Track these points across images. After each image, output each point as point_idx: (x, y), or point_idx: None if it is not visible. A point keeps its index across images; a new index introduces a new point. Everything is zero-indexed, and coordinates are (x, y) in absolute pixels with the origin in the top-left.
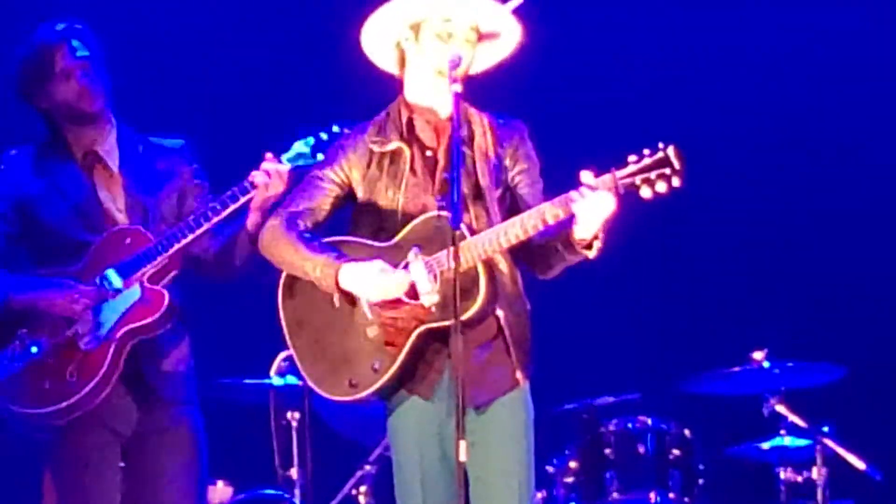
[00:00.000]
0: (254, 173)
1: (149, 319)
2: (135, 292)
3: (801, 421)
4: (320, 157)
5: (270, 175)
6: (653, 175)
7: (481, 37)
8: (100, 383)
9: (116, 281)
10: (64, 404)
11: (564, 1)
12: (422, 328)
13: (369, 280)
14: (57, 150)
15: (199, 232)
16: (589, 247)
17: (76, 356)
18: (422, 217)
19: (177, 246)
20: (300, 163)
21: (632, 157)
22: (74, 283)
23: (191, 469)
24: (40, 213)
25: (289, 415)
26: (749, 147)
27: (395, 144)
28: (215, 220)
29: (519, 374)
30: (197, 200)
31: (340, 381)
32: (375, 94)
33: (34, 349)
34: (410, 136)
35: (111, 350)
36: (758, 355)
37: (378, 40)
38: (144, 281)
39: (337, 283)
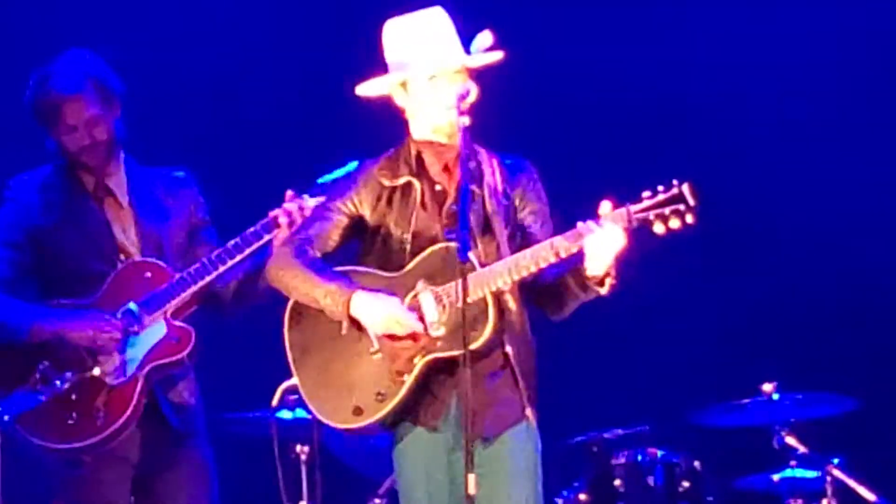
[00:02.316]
0: (276, 212)
1: (177, 356)
2: (160, 328)
3: (810, 452)
4: None
5: (292, 214)
6: (667, 211)
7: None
8: (128, 419)
9: (140, 316)
10: (93, 440)
11: (577, 37)
12: (428, 357)
13: (380, 313)
14: (68, 179)
15: (223, 269)
16: (601, 283)
17: (102, 391)
18: (431, 248)
19: (202, 282)
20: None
21: (646, 193)
22: (101, 314)
23: (202, 501)
24: (53, 242)
25: (298, 448)
26: (758, 179)
27: (405, 178)
28: (239, 257)
29: (528, 409)
30: (204, 235)
31: (345, 408)
32: (396, 131)
33: (58, 382)
34: (420, 171)
35: (138, 387)
36: (767, 387)
37: (372, 90)
38: (167, 317)
39: (347, 311)
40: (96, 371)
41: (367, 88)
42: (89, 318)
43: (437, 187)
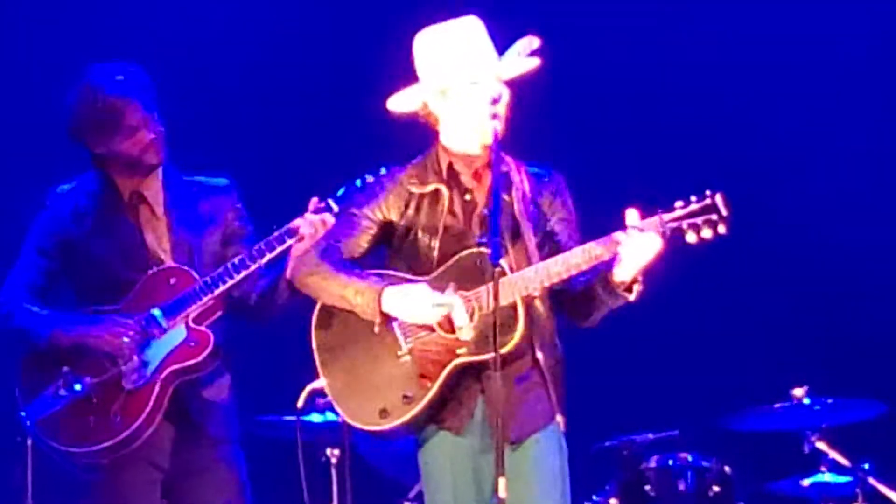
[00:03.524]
0: (299, 221)
1: (194, 360)
2: (180, 332)
3: (841, 458)
4: None
5: (316, 224)
6: (699, 221)
7: None
8: (144, 423)
9: (162, 321)
10: (108, 443)
11: (606, 45)
12: (457, 361)
13: (412, 299)
14: (103, 188)
15: (244, 274)
16: (629, 290)
17: (120, 395)
18: (462, 254)
19: (222, 287)
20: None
21: (678, 203)
22: (121, 319)
23: None
24: (85, 251)
25: (328, 451)
26: (790, 184)
27: (433, 186)
28: (261, 262)
29: (556, 413)
30: (241, 242)
31: (371, 410)
32: (422, 136)
33: (77, 387)
34: (450, 179)
35: (156, 390)
36: (798, 392)
37: (405, 103)
38: (189, 321)
39: (379, 306)
40: (115, 375)
41: (402, 99)
42: (107, 324)
43: (467, 195)
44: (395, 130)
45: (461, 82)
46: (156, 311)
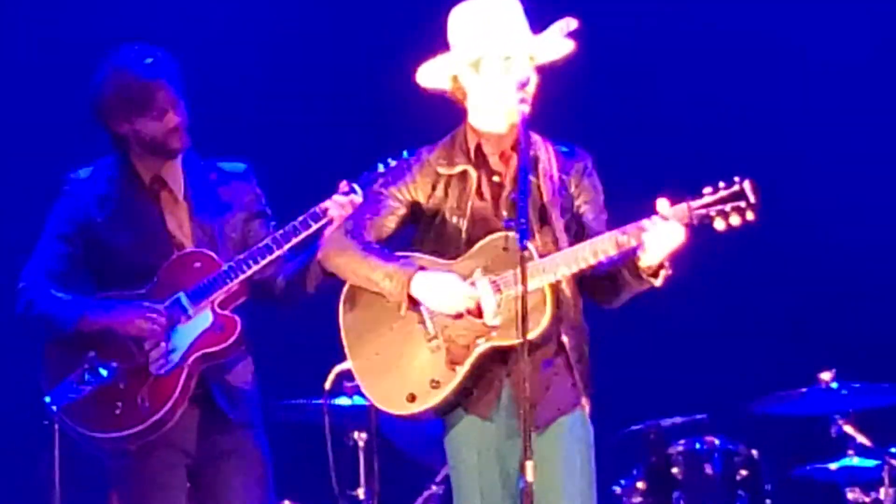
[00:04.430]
0: (326, 203)
1: (222, 345)
2: (206, 318)
3: (868, 441)
4: None
5: (344, 206)
6: (727, 208)
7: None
8: (171, 409)
9: (188, 306)
10: (136, 429)
11: (635, 29)
12: (485, 346)
13: (441, 288)
14: (124, 173)
15: (270, 258)
16: (655, 275)
17: (147, 381)
18: (489, 237)
19: (248, 272)
20: None
21: (707, 189)
22: (148, 304)
23: (257, 491)
24: (106, 236)
25: (355, 434)
26: (817, 167)
27: (461, 167)
28: (287, 246)
29: (581, 397)
30: (261, 226)
31: (399, 394)
32: (447, 120)
33: (104, 372)
34: (478, 160)
35: (183, 376)
36: (825, 376)
37: (434, 74)
38: (215, 306)
39: (408, 291)
40: (142, 361)
41: (432, 71)
42: (135, 309)
43: (495, 178)
44: (422, 113)
45: (493, 55)
46: (181, 297)
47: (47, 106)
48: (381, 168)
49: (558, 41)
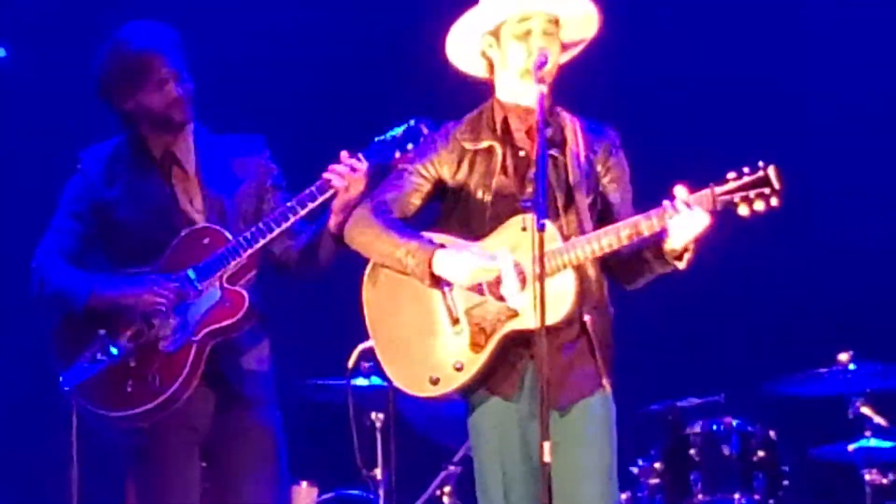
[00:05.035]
0: (328, 174)
1: (230, 321)
2: (214, 293)
3: (886, 423)
4: (398, 153)
5: (346, 175)
6: (752, 194)
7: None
8: (181, 386)
9: (196, 281)
10: (147, 407)
11: (664, 8)
12: (507, 329)
13: (463, 262)
14: (134, 150)
15: (277, 232)
16: (679, 258)
17: (157, 358)
18: (512, 219)
19: (255, 246)
20: (379, 160)
21: (731, 175)
22: (157, 280)
23: (270, 469)
24: (117, 214)
25: (373, 415)
26: (836, 149)
27: (487, 143)
28: (293, 219)
29: (604, 379)
30: (274, 199)
31: (422, 376)
32: (455, 90)
33: (114, 350)
34: (505, 136)
35: (192, 352)
36: (843, 357)
37: (463, 51)
38: (224, 282)
39: (430, 268)
40: (151, 338)
41: (459, 36)
42: (143, 285)
43: (521, 153)
44: (434, 83)
45: (512, 16)
46: (190, 273)
47: (64, 86)
48: (387, 136)
49: (577, 4)
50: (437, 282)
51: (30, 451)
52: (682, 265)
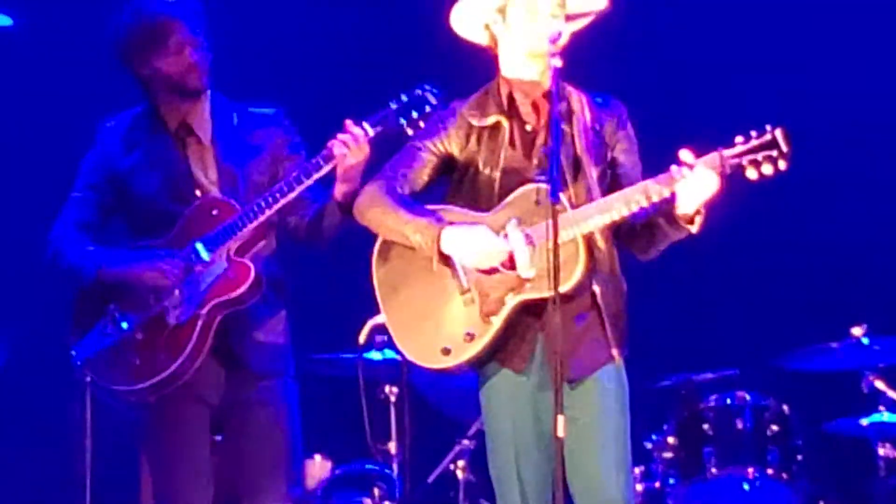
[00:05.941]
0: (333, 142)
1: (236, 293)
2: (221, 265)
3: None
4: (403, 121)
5: (349, 144)
6: (760, 157)
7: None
8: (188, 359)
9: (204, 254)
10: (154, 380)
11: None
12: (519, 298)
13: (472, 244)
14: (150, 120)
15: (283, 202)
16: (691, 221)
17: (165, 331)
18: (521, 190)
19: (261, 218)
20: (384, 128)
21: (739, 138)
22: (164, 254)
23: (281, 441)
24: (133, 184)
25: (387, 389)
26: (849, 119)
27: (494, 118)
28: (298, 189)
29: (614, 350)
30: (287, 171)
31: (433, 348)
32: (462, 61)
33: (124, 324)
34: (511, 111)
35: (199, 324)
36: (857, 331)
37: (468, 23)
38: (232, 253)
39: (438, 246)
40: (159, 311)
41: (464, 13)
42: (150, 258)
43: (528, 128)
44: (438, 51)
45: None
46: (198, 245)
47: (70, 56)
48: (392, 104)
49: None
50: (446, 259)
51: (45, 424)
52: (694, 228)
